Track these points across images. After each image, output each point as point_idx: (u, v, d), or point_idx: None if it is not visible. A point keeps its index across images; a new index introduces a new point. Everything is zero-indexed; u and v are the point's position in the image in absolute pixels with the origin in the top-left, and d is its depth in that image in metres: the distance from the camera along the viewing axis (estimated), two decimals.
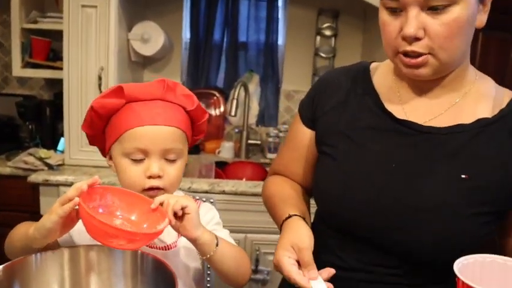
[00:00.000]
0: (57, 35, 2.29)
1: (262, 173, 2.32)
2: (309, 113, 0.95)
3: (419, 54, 0.74)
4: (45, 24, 2.37)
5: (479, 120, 0.79)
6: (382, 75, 0.90)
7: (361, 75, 0.90)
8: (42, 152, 2.14)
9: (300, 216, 0.85)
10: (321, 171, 0.90)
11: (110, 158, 0.87)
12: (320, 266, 0.90)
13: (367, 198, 0.81)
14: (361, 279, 0.86)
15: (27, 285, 0.63)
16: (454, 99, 0.82)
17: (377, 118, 0.85)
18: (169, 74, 2.64)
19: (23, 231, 0.76)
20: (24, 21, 2.36)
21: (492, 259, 0.63)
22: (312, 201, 0.98)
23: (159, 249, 0.81)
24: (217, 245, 0.77)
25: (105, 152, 0.89)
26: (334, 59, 2.66)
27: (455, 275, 0.60)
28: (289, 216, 0.84)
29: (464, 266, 0.59)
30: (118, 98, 0.80)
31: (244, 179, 2.23)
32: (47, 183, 1.96)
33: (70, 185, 1.91)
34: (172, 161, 0.84)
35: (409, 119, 0.83)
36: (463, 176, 0.76)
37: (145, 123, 0.79)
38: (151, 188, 0.81)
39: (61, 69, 2.27)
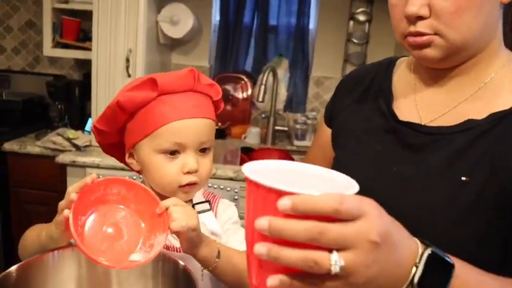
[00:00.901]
0: (87, 15, 2.29)
1: (288, 160, 2.29)
2: (329, 110, 0.93)
3: (423, 34, 0.67)
4: (76, 4, 2.37)
5: (493, 115, 0.69)
6: (403, 69, 0.84)
7: (384, 71, 0.85)
8: (70, 133, 2.16)
9: None
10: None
11: (131, 156, 0.82)
12: None
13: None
14: None
15: (44, 284, 0.62)
16: (473, 90, 0.73)
17: (383, 119, 0.80)
18: (197, 57, 2.61)
19: (35, 236, 0.73)
20: (56, 1, 2.37)
21: (277, 166, 0.53)
22: None
23: (177, 251, 0.78)
24: (216, 260, 0.72)
25: (121, 151, 0.84)
26: (367, 46, 2.56)
27: None
28: None
29: (255, 171, 0.48)
30: (150, 90, 0.74)
31: None
32: (74, 164, 1.98)
33: (96, 167, 1.94)
34: (206, 154, 0.80)
35: (421, 115, 0.77)
36: (463, 179, 0.69)
37: (184, 117, 0.75)
38: (188, 184, 0.78)
39: (90, 49, 2.28)
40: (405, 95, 0.80)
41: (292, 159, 2.26)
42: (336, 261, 0.41)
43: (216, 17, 2.66)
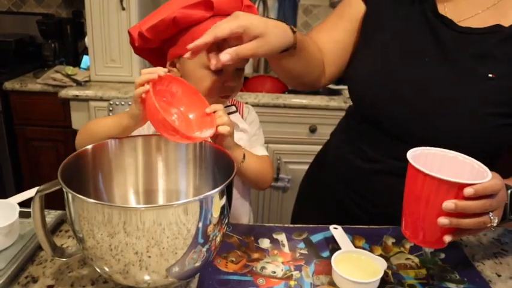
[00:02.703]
0: None
1: (281, 86, 2.38)
2: None
3: None
4: None
5: None
6: None
7: None
8: (69, 69, 2.21)
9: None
10: (358, 57, 0.97)
11: (172, 65, 0.90)
12: (340, 157, 1.01)
13: (394, 89, 0.88)
14: (375, 169, 0.95)
15: (108, 166, 0.73)
16: (494, 1, 0.85)
17: (416, 10, 0.89)
18: None
19: (103, 127, 0.79)
20: None
21: (435, 151, 0.74)
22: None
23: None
24: (242, 160, 0.87)
25: (156, 56, 0.93)
26: None
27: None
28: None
29: (416, 156, 0.71)
30: (207, 10, 0.80)
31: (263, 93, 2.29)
32: (77, 98, 2.05)
33: (100, 99, 2.02)
34: (240, 71, 0.91)
35: (448, 16, 0.87)
36: (490, 75, 0.81)
37: None
38: (226, 95, 0.90)
39: None
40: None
41: (285, 86, 2.36)
42: (494, 218, 0.68)
43: None
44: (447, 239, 0.67)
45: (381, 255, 0.81)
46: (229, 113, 0.96)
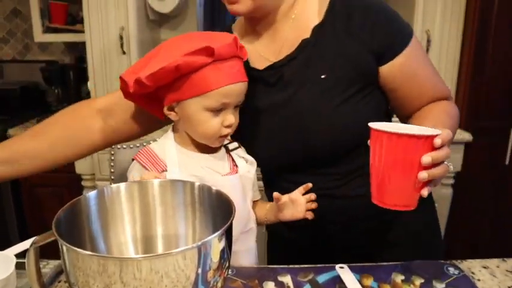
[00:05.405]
0: None
1: None
2: None
3: None
4: None
5: (314, 28, 0.94)
6: (240, 29, 1.06)
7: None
8: None
9: None
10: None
11: (171, 109, 0.91)
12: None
13: (267, 135, 0.99)
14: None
15: (104, 214, 0.72)
16: (290, 23, 0.97)
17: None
18: (186, 31, 2.66)
19: None
20: None
21: (399, 125, 0.79)
22: None
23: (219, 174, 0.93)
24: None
25: (149, 100, 0.93)
26: None
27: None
28: None
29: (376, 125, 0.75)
30: (208, 57, 0.83)
31: None
32: None
33: None
34: (237, 108, 0.93)
35: (267, 58, 0.98)
36: (322, 77, 0.92)
37: (232, 81, 0.86)
38: (225, 135, 0.92)
39: (80, 32, 2.33)
40: (251, 55, 0.99)
41: None
42: (450, 164, 0.75)
43: None
44: (425, 192, 0.72)
45: None
46: (232, 149, 0.98)
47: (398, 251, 1.02)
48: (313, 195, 0.94)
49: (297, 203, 0.93)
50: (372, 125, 0.74)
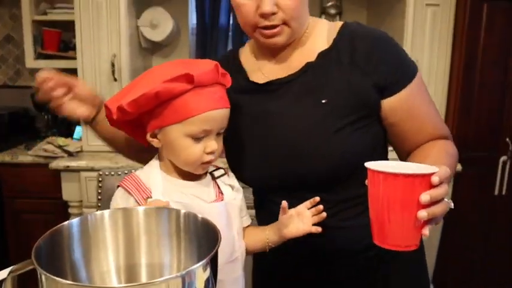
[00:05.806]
0: (66, 26, 2.35)
1: None
2: None
3: (276, 26, 0.89)
4: (56, 15, 2.42)
5: (320, 54, 0.95)
6: (247, 53, 1.05)
7: (232, 58, 1.05)
8: (61, 140, 2.21)
9: None
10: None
11: (153, 136, 0.91)
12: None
13: (260, 153, 0.98)
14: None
15: (86, 242, 0.70)
16: (298, 49, 0.98)
17: (245, 88, 1.00)
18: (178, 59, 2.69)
19: None
20: (35, 13, 2.42)
21: (397, 163, 0.77)
22: None
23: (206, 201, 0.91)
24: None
25: (132, 127, 0.93)
26: None
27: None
28: None
29: (372, 165, 0.73)
30: (187, 83, 0.83)
31: None
32: (68, 169, 2.04)
33: (91, 170, 2.00)
34: (220, 135, 0.92)
35: (270, 79, 0.98)
36: (323, 101, 0.92)
37: (213, 108, 0.86)
38: (208, 162, 0.90)
39: (72, 59, 2.34)
40: (253, 70, 1.01)
41: None
42: (450, 201, 0.72)
43: (193, 19, 2.74)
44: (426, 231, 0.70)
45: None
46: (218, 176, 0.97)
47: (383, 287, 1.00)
48: (321, 207, 0.92)
49: (303, 216, 0.92)
50: (368, 164, 0.72)
